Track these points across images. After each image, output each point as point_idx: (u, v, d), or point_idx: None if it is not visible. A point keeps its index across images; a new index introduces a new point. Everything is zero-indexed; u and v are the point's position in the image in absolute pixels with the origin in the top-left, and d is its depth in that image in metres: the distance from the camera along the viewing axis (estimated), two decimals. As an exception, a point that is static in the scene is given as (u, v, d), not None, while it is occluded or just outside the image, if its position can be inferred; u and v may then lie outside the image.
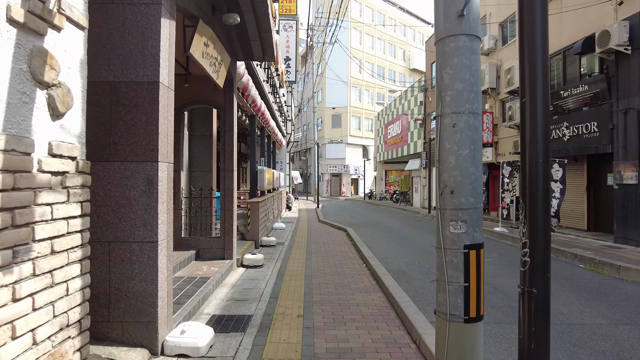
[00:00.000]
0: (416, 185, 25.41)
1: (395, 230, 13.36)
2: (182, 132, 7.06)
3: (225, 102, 6.83)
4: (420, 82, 24.19)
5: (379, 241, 10.82)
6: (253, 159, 10.72)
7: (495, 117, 16.08)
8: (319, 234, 11.69)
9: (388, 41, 43.71)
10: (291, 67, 20.24)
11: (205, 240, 6.89)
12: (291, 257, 8.05)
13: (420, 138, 24.01)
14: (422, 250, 9.59)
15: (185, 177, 7.25)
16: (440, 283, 2.75)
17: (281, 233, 11.62)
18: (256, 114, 10.63)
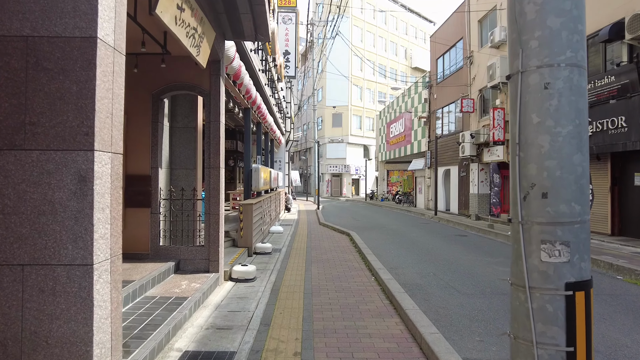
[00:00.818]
0: (420, 186, 24.38)
1: (402, 234, 12.32)
2: (161, 123, 6.03)
3: (211, 87, 5.80)
4: (424, 79, 23.17)
5: (386, 247, 9.77)
6: (247, 156, 9.69)
7: (507, 114, 15.04)
8: (320, 238, 10.64)
9: (389, 39, 42.70)
10: (290, 62, 19.22)
11: (187, 249, 5.85)
12: (289, 267, 7.01)
13: (425, 137, 22.98)
14: (435, 257, 8.55)
15: (165, 176, 6.22)
16: (519, 343, 1.70)
17: (278, 238, 10.57)
18: (251, 107, 9.61)
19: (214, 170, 5.72)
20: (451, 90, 19.88)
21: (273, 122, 13.87)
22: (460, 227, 14.53)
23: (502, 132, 14.95)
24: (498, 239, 11.66)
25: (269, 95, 12.26)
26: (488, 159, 16.51)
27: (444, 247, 10.08)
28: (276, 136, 16.02)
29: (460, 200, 18.94)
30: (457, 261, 8.23)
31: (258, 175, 9.34)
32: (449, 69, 20.55)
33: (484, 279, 6.73)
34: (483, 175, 17.34)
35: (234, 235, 8.15)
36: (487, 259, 8.54)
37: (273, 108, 13.70)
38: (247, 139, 9.68)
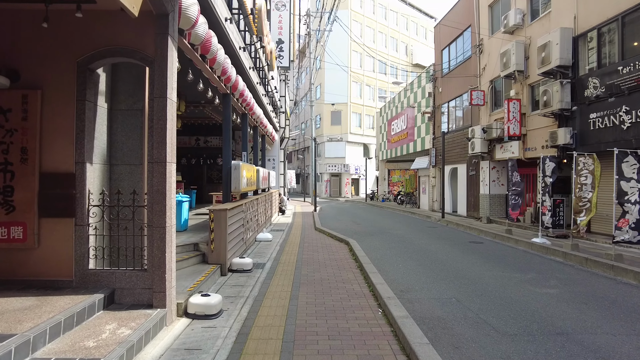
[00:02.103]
0: (423, 186, 22.74)
1: (409, 242, 10.67)
2: (93, 103, 4.39)
3: (156, 51, 4.16)
4: (428, 72, 21.54)
5: (392, 260, 8.14)
6: (227, 151, 8.06)
7: (523, 105, 13.42)
8: (314, 248, 9.01)
9: (390, 35, 41.05)
10: (284, 51, 17.58)
11: (125, 274, 4.21)
12: (270, 292, 5.37)
13: (429, 133, 21.34)
14: (453, 273, 6.92)
15: (100, 174, 4.58)
16: None
17: (265, 248, 8.93)
18: (231, 92, 7.99)
19: (158, 165, 4.08)
20: (458, 83, 18.24)
21: (263, 115, 12.23)
22: (472, 232, 12.89)
23: (518, 125, 13.32)
24: (519, 247, 10.02)
25: (257, 83, 10.62)
26: (501, 156, 14.88)
27: (460, 258, 8.45)
28: (268, 131, 14.38)
29: (469, 202, 17.30)
30: (481, 279, 6.60)
31: (239, 174, 7.70)
32: (455, 59, 18.91)
33: (523, 307, 5.10)
34: (495, 174, 15.71)
35: (205, 249, 6.51)
36: (517, 276, 6.90)
37: (262, 99, 12.06)
38: (225, 131, 8.04)
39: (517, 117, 13.31)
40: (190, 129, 16.14)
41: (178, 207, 7.93)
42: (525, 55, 13.26)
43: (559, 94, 11.03)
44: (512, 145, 14.04)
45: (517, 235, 11.09)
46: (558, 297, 5.66)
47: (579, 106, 10.84)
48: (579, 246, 8.67)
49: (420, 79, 22.82)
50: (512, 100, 13.33)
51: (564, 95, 11.03)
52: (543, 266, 7.79)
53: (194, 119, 15.12)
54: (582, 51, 10.98)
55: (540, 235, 9.98)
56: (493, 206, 15.64)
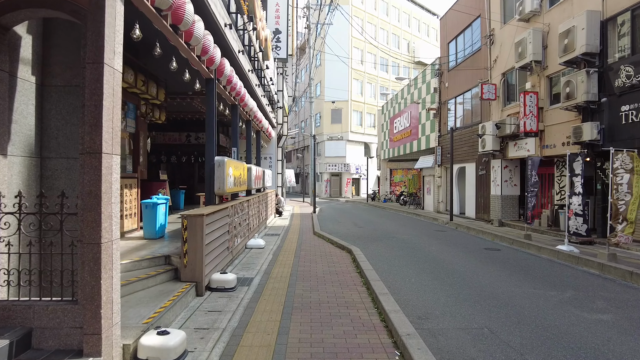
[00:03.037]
0: (428, 186, 21.55)
1: (417, 248, 9.50)
2: (9, 74, 3.22)
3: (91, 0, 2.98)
4: (433, 66, 20.35)
5: (402, 272, 6.96)
6: (210, 145, 6.89)
7: (541, 99, 12.24)
8: (312, 258, 7.82)
9: (391, 31, 39.84)
10: (282, 42, 16.40)
11: (48, 308, 3.03)
12: (252, 323, 4.19)
13: (434, 131, 20.16)
14: (477, 290, 5.74)
15: (24, 169, 3.41)
16: None
17: (256, 257, 7.75)
18: (216, 78, 6.82)
19: (90, 158, 2.90)
20: (466, 77, 17.06)
21: (257, 108, 11.05)
22: (486, 237, 11.70)
23: (535, 121, 12.14)
24: (543, 255, 8.84)
25: (248, 70, 9.44)
26: (514, 154, 13.70)
27: (480, 269, 7.27)
28: (263, 127, 13.20)
29: (479, 203, 16.12)
30: (511, 298, 5.42)
31: (223, 172, 6.52)
32: (462, 52, 17.72)
33: (577, 343, 3.93)
34: (507, 173, 14.53)
35: (177, 263, 5.33)
36: (553, 294, 5.73)
37: (256, 90, 10.88)
38: (209, 121, 6.87)
39: (534, 112, 12.13)
40: (180, 124, 14.96)
41: (152, 211, 6.75)
42: (543, 44, 12.07)
43: (584, 85, 9.85)
44: (527, 142, 12.86)
45: (537, 241, 9.92)
46: (616, 326, 4.48)
47: (608, 98, 9.65)
48: (616, 256, 7.49)
49: (424, 74, 21.63)
50: (528, 94, 12.14)
51: (590, 85, 9.85)
52: (579, 281, 6.61)
53: (183, 113, 13.95)
54: (611, 36, 9.80)
55: (566, 242, 8.79)
56: (505, 208, 14.46)
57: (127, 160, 7.39)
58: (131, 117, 7.44)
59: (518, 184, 14.60)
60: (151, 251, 5.76)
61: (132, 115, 7.45)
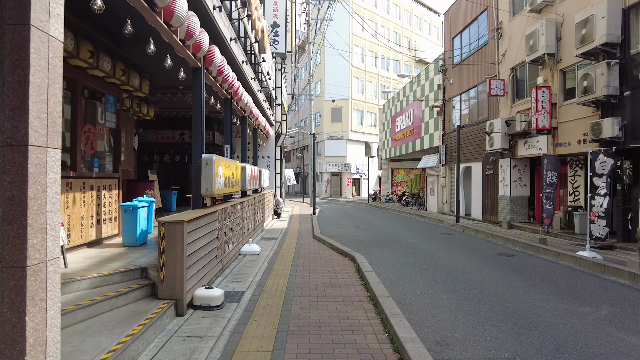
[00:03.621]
0: (431, 186, 20.81)
1: (426, 254, 8.76)
2: None
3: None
4: (437, 62, 19.61)
5: (413, 283, 6.21)
6: (197, 142, 6.20)
7: (554, 94, 11.49)
8: (311, 266, 7.08)
9: (392, 29, 39.10)
10: (280, 36, 15.65)
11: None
12: (238, 353, 3.45)
13: (438, 129, 19.42)
14: (499, 306, 4.99)
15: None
16: None
17: (248, 266, 7.01)
18: (205, 67, 6.09)
19: (10, 152, 2.16)
20: (472, 73, 16.33)
21: (252, 103, 10.32)
22: (497, 241, 10.96)
23: (548, 117, 11.40)
24: (562, 262, 8.10)
25: (243, 62, 8.70)
26: (524, 153, 12.97)
27: (497, 279, 6.53)
28: (260, 124, 12.47)
29: (486, 204, 15.38)
30: (540, 316, 4.68)
31: (211, 171, 5.78)
32: (468, 47, 16.98)
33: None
34: (516, 173, 13.79)
35: (154, 277, 4.59)
36: (586, 311, 4.99)
37: (251, 84, 10.14)
38: (196, 115, 6.16)
39: (547, 108, 11.39)
40: (173, 121, 14.25)
41: (131, 216, 6.01)
42: (557, 35, 11.33)
43: (604, 78, 9.11)
44: (538, 140, 12.12)
45: (553, 246, 9.18)
46: (672, 354, 3.74)
47: (632, 91, 8.91)
48: (648, 264, 6.75)
49: (427, 71, 20.89)
50: (540, 88, 11.40)
51: (611, 78, 9.11)
52: (611, 293, 5.87)
53: (175, 109, 13.23)
54: (634, 26, 9.06)
55: (588, 248, 8.05)
56: (514, 210, 13.72)
57: (106, 159, 6.65)
58: (111, 110, 6.69)
59: (528, 184, 13.86)
60: (127, 262, 5.02)
61: (112, 108, 6.70)
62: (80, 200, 5.65)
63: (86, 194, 5.81)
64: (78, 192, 5.58)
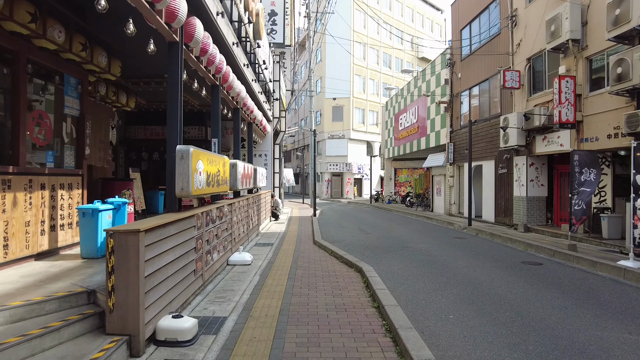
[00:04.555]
0: (438, 186, 19.67)
1: (442, 263, 7.62)
2: None
3: None
4: (444, 56, 18.48)
5: (435, 303, 5.07)
6: (172, 130, 5.11)
7: (578, 84, 10.36)
8: (311, 280, 5.94)
9: (395, 26, 37.97)
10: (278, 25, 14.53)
11: None
12: None
13: (445, 126, 18.28)
14: (550, 337, 3.85)
15: None
16: None
17: (236, 280, 5.87)
18: (185, 43, 5.00)
19: None
20: (483, 65, 15.20)
21: (246, 94, 9.20)
22: (517, 246, 9.81)
23: (572, 109, 10.26)
24: (601, 273, 6.95)
25: (233, 44, 7.57)
26: (543, 150, 11.83)
27: (533, 296, 5.38)
28: (255, 118, 11.34)
29: (498, 205, 14.24)
30: (612, 356, 3.54)
31: (188, 166, 4.66)
32: (478, 37, 15.84)
33: None
34: (533, 172, 12.64)
35: (102, 301, 3.46)
36: (663, 343, 3.85)
37: (245, 71, 9.02)
38: (172, 98, 5.07)
39: (571, 100, 10.25)
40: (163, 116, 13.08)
41: (91, 221, 4.89)
42: (583, 19, 10.19)
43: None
44: (560, 135, 10.99)
45: (585, 253, 8.03)
46: None
47: (677, 77, 7.78)
48: None
49: (433, 65, 19.75)
50: (564, 78, 10.27)
51: (651, 64, 7.98)
52: (679, 316, 4.72)
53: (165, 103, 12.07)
54: (677, 3, 7.93)
55: (632, 257, 6.91)
56: (531, 211, 12.58)
57: (65, 152, 5.52)
58: (72, 94, 5.56)
59: (545, 183, 12.72)
60: (75, 282, 3.89)
61: (73, 92, 5.57)
62: (25, 201, 4.52)
63: (34, 194, 4.68)
64: (21, 191, 4.45)
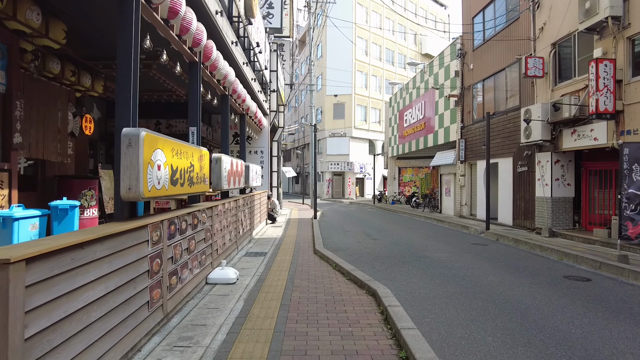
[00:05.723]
0: (447, 186, 18.26)
1: (470, 279, 6.22)
2: None
3: None
4: (453, 46, 17.08)
5: (481, 347, 3.67)
6: (124, 107, 3.68)
7: (619, 69, 8.95)
8: (311, 310, 4.54)
9: (398, 21, 36.56)
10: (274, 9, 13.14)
11: None
12: None
13: (455, 121, 16.88)
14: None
15: None
16: None
17: (213, 308, 4.46)
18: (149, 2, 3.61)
19: None
20: (499, 54, 13.80)
21: (236, 79, 7.80)
22: (548, 255, 8.40)
23: (612, 97, 8.85)
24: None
25: (216, 12, 6.17)
26: (571, 145, 10.41)
27: (606, 330, 3.99)
28: (250, 109, 9.95)
29: (517, 207, 12.84)
30: None
31: (137, 157, 3.26)
32: (492, 23, 14.43)
33: None
34: (558, 170, 11.24)
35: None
36: None
37: (233, 50, 7.62)
38: (123, 65, 3.67)
39: (610, 86, 8.85)
40: (148, 108, 11.72)
41: (2, 233, 3.49)
42: (624, -6, 8.79)
43: None
44: (593, 128, 9.58)
45: (638, 266, 6.63)
46: None
47: None
48: None
49: (442, 57, 18.34)
50: (602, 61, 8.86)
51: None
52: None
53: (149, 92, 10.70)
54: None
55: None
56: (556, 214, 11.17)
57: (-17, 140, 4.13)
58: (-5, 64, 4.17)
59: (572, 183, 11.31)
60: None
61: (-5, 61, 4.18)
62: None
63: None
64: None
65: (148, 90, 10.59)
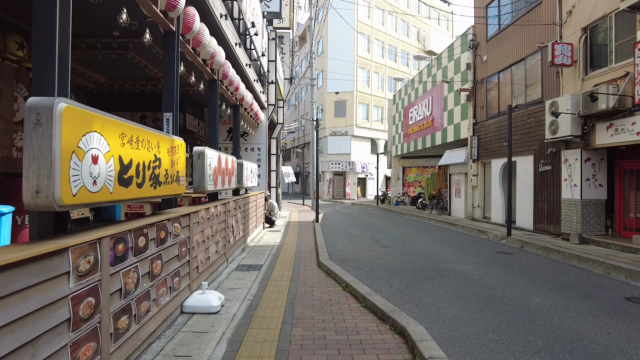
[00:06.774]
0: (457, 187, 17.04)
1: (511, 301, 5.01)
2: None
3: None
4: (464, 37, 15.87)
5: None
6: (41, 53, 2.39)
7: (667, 53, 7.77)
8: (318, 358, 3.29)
9: (400, 17, 35.37)
10: (273, -9, 11.93)
11: None
12: None
13: (467, 117, 15.67)
14: None
15: None
16: None
17: (183, 356, 3.23)
18: None
19: None
20: (517, 43, 12.60)
21: (227, 61, 6.59)
22: (590, 267, 7.19)
23: (659, 86, 7.64)
24: None
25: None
26: (607, 141, 9.20)
27: None
28: (244, 100, 8.73)
29: (539, 210, 11.63)
30: None
31: (49, 143, 2.03)
32: (510, 5, 13.21)
33: None
34: (589, 169, 10.03)
35: None
36: None
37: (222, 26, 6.40)
38: (40, 11, 2.41)
39: (657, 72, 7.65)
40: (133, 99, 10.53)
41: None
42: (675, -35, 7.58)
43: None
44: (636, 121, 8.37)
45: None
46: None
47: None
48: None
49: (452, 49, 17.13)
50: (648, 44, 7.66)
51: None
52: None
53: (130, 81, 9.49)
54: None
55: None
56: (586, 218, 9.96)
57: None
58: None
59: (604, 183, 10.10)
60: None
61: None
62: None
63: None
64: None
65: (130, 79, 9.40)
